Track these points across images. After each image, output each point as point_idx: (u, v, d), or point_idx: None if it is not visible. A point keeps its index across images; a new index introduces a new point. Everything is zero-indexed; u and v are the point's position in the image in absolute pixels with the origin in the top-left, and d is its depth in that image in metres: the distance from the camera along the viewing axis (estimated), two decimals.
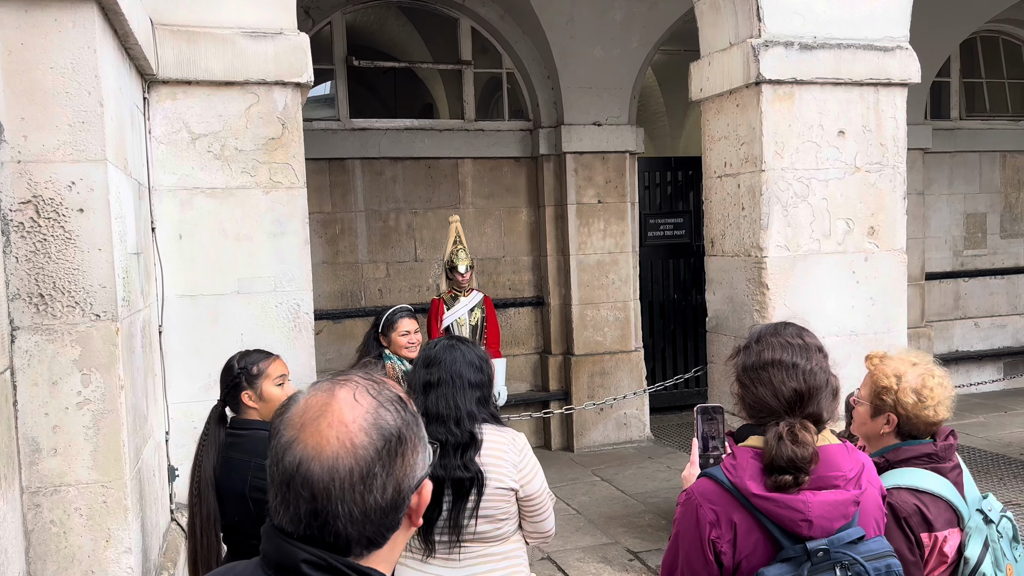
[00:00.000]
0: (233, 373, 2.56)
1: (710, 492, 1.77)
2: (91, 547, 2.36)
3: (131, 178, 2.87)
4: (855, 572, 1.67)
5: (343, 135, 7.06)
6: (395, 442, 1.02)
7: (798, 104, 4.30)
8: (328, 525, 0.99)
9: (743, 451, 1.79)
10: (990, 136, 9.10)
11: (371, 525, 1.01)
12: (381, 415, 1.03)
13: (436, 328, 5.85)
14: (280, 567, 1.00)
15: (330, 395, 1.04)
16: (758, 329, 1.92)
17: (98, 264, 2.37)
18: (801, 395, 1.75)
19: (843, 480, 1.74)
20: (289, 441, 1.01)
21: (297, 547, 0.99)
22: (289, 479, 1.00)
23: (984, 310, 9.20)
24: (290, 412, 1.04)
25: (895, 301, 4.58)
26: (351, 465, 0.99)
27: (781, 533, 1.70)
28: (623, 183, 7.54)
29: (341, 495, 0.98)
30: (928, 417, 2.12)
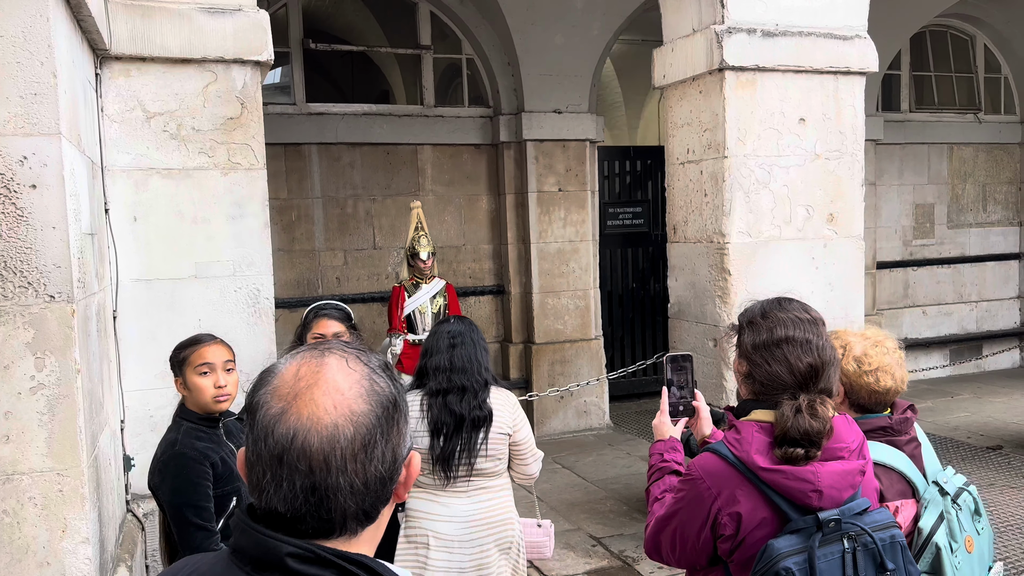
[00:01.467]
0: (171, 359, 2.51)
1: (713, 467, 1.76)
2: (46, 538, 2.27)
3: (84, 155, 2.76)
4: (862, 543, 1.67)
5: (299, 119, 6.93)
6: (391, 409, 0.98)
7: (760, 91, 4.34)
8: (327, 500, 0.92)
9: (747, 425, 1.77)
10: (938, 128, 9.33)
11: (369, 497, 0.95)
12: (376, 381, 0.98)
13: (397, 316, 5.78)
14: (260, 563, 0.92)
15: (320, 363, 0.97)
16: (760, 305, 1.88)
17: (52, 243, 2.26)
18: (816, 371, 1.74)
19: (847, 451, 1.74)
20: (279, 413, 0.94)
21: (280, 540, 0.91)
22: (283, 453, 0.92)
23: (932, 298, 9.45)
24: (273, 383, 0.97)
25: (853, 286, 4.66)
26: (352, 433, 0.93)
27: (789, 506, 1.69)
28: (583, 171, 7.55)
29: (342, 465, 0.92)
30: (869, 384, 2.14)
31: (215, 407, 2.43)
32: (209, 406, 2.42)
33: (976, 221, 9.63)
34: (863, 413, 2.22)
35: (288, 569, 0.91)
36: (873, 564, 1.68)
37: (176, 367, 2.46)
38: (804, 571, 1.62)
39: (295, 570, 0.91)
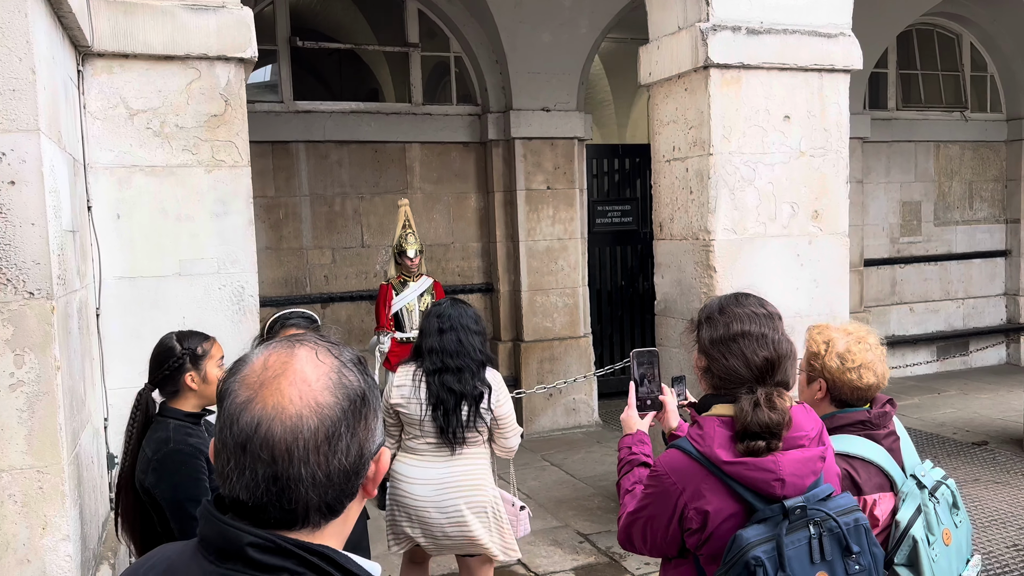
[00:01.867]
0: (175, 354, 2.43)
1: (678, 463, 1.79)
2: (27, 535, 2.26)
3: (65, 152, 2.75)
4: (828, 528, 1.70)
5: (286, 117, 6.91)
6: (359, 403, 0.97)
7: (745, 88, 4.35)
8: (288, 490, 0.92)
9: (709, 420, 1.80)
10: (925, 126, 9.38)
11: (333, 490, 0.95)
12: (345, 374, 0.98)
13: (385, 314, 5.78)
14: (223, 552, 0.92)
15: (290, 354, 0.97)
16: (717, 301, 1.92)
17: (31, 239, 2.25)
18: (772, 364, 1.78)
19: (806, 439, 1.78)
20: (246, 401, 0.94)
21: (241, 529, 0.91)
22: (246, 441, 0.92)
23: (919, 296, 9.50)
24: (243, 372, 0.97)
25: (838, 283, 4.68)
26: (316, 425, 0.93)
27: (754, 496, 1.72)
28: (572, 169, 7.56)
29: (304, 456, 0.92)
30: (852, 381, 2.16)
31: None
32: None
33: (963, 219, 9.69)
34: (843, 407, 2.23)
35: (249, 559, 0.91)
36: (839, 548, 1.71)
37: (194, 361, 2.42)
38: (773, 559, 1.65)
39: (255, 560, 0.90)
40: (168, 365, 2.43)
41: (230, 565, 0.92)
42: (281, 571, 0.91)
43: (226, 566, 0.92)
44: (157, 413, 2.43)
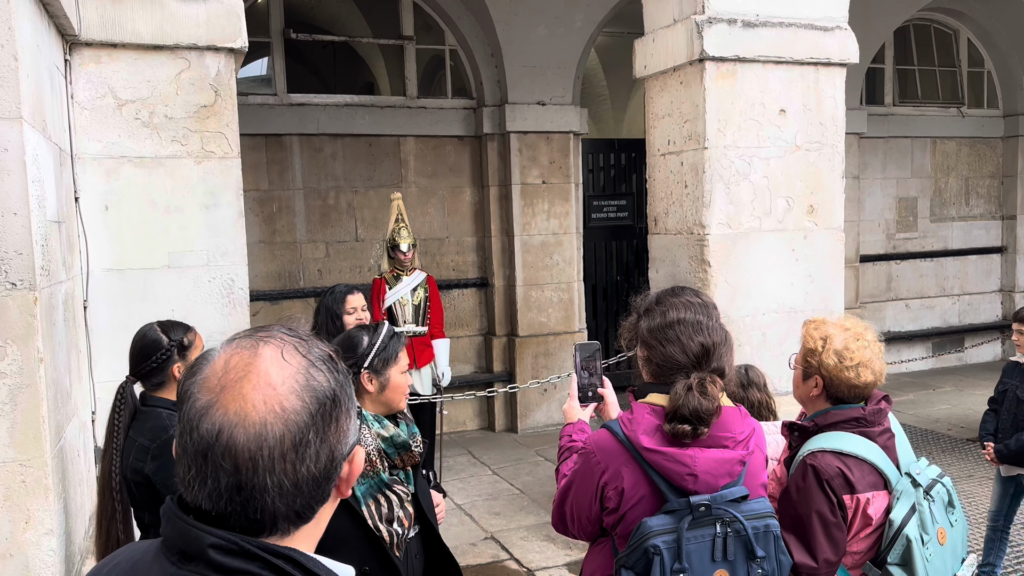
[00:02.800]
0: (163, 346, 2.40)
1: (605, 443, 1.84)
2: (9, 529, 2.23)
3: (51, 142, 2.71)
4: (735, 529, 1.74)
5: (280, 110, 6.87)
6: (329, 405, 0.91)
7: (740, 82, 4.32)
8: (253, 500, 0.87)
9: (640, 407, 1.85)
10: (921, 122, 9.36)
11: (301, 498, 0.89)
12: (313, 375, 0.91)
13: (378, 308, 5.75)
14: (185, 554, 0.88)
15: (253, 353, 0.90)
16: (655, 294, 2.00)
17: (14, 229, 2.22)
18: (707, 350, 1.84)
19: (732, 442, 1.81)
20: (206, 406, 0.88)
21: (203, 530, 0.87)
22: (207, 449, 0.87)
23: (914, 292, 9.49)
24: (203, 373, 0.91)
25: (833, 278, 4.66)
26: (282, 432, 0.87)
27: (668, 487, 1.76)
28: (567, 164, 7.52)
29: (270, 466, 0.86)
30: (850, 379, 2.14)
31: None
32: None
33: (959, 215, 9.68)
34: (838, 404, 2.21)
35: (211, 561, 0.86)
36: (744, 550, 1.75)
37: (180, 352, 2.40)
38: (672, 550, 1.70)
39: (217, 562, 0.86)
40: (156, 357, 2.40)
41: (191, 567, 0.87)
42: (244, 574, 0.86)
43: (187, 568, 0.88)
44: (142, 404, 2.40)
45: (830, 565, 2.04)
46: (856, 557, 2.12)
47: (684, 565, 1.70)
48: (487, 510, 5.54)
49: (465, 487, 6.03)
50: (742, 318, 4.41)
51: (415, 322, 5.75)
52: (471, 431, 7.49)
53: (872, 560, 2.12)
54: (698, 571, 1.72)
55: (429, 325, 5.83)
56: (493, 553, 4.83)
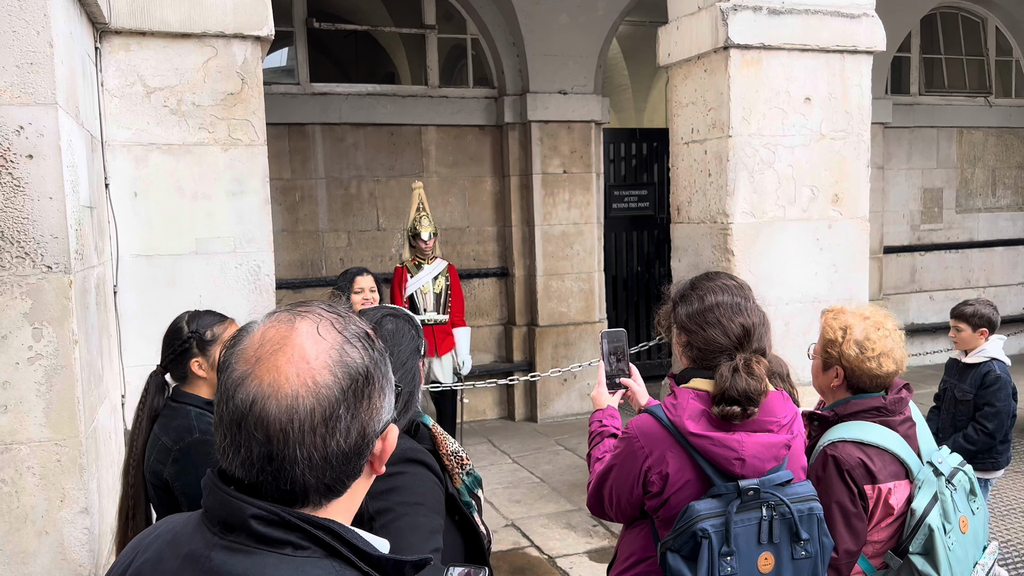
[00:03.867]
0: (182, 337, 2.30)
1: (649, 428, 1.85)
2: (45, 507, 2.28)
3: (83, 128, 2.75)
4: (780, 512, 1.76)
5: (303, 100, 6.90)
6: (362, 382, 0.92)
7: (765, 70, 4.29)
8: (284, 471, 0.89)
9: (684, 392, 1.86)
10: (948, 112, 9.24)
11: (331, 472, 0.91)
12: (347, 352, 0.92)
13: (400, 296, 5.78)
14: (226, 524, 0.90)
15: (290, 327, 0.92)
16: (688, 280, 2.00)
17: (49, 213, 2.26)
18: (748, 331, 1.85)
19: (776, 426, 1.82)
20: (242, 376, 0.90)
21: (245, 501, 0.89)
22: (241, 419, 0.89)
23: (939, 284, 9.40)
24: (243, 344, 0.93)
25: (857, 268, 4.63)
26: (312, 405, 0.89)
27: (714, 471, 1.77)
28: (588, 153, 7.51)
29: (300, 438, 0.88)
30: (871, 370, 2.13)
31: None
32: None
33: (985, 206, 9.55)
34: (858, 393, 2.19)
35: (252, 531, 0.88)
36: (789, 532, 1.77)
37: (201, 346, 2.28)
38: (720, 534, 1.72)
39: (259, 532, 0.88)
40: (174, 348, 2.32)
41: (233, 537, 0.90)
42: (285, 544, 0.88)
43: (229, 538, 0.90)
44: (171, 398, 2.31)
45: (850, 555, 2.04)
46: (877, 546, 2.12)
47: (732, 548, 1.72)
48: (508, 498, 5.56)
49: (486, 475, 6.05)
50: (765, 307, 4.34)
51: (436, 310, 5.78)
52: (491, 420, 7.52)
53: (893, 549, 2.11)
54: (745, 554, 1.74)
55: (450, 314, 5.85)
56: (514, 540, 4.86)
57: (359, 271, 4.20)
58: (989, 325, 3.76)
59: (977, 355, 3.76)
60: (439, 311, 5.80)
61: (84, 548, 2.32)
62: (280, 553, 0.88)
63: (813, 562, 1.80)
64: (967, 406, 3.72)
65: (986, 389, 3.65)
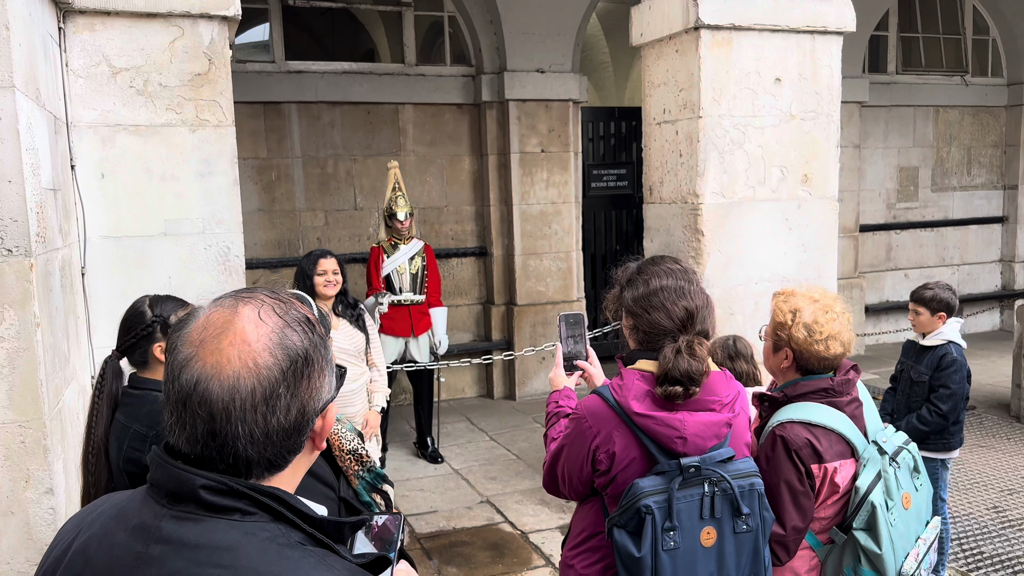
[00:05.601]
0: (145, 321, 2.27)
1: (596, 408, 1.90)
2: (10, 487, 2.30)
3: (45, 110, 2.74)
4: (722, 488, 1.82)
5: (278, 78, 6.86)
6: (301, 363, 0.98)
7: (736, 50, 4.31)
8: (227, 446, 0.95)
9: (630, 373, 1.91)
10: (925, 91, 9.30)
11: (272, 447, 0.97)
12: (287, 335, 0.98)
13: (376, 276, 5.80)
14: (175, 496, 0.95)
15: (233, 312, 0.98)
16: (635, 265, 2.05)
17: (8, 196, 2.26)
18: (691, 313, 1.90)
19: (719, 405, 1.87)
20: (186, 359, 0.96)
21: (194, 473, 0.94)
22: (186, 398, 0.95)
23: (914, 262, 9.50)
24: (188, 328, 0.98)
25: (826, 248, 4.68)
26: (253, 385, 0.94)
27: (657, 449, 1.83)
28: (567, 132, 7.51)
29: (242, 416, 0.94)
30: (819, 352, 2.17)
31: None
32: None
33: (960, 184, 9.65)
34: (806, 375, 2.24)
35: (201, 500, 0.94)
36: (730, 507, 1.83)
37: (164, 330, 2.23)
38: (663, 510, 1.78)
39: (208, 501, 0.94)
40: (136, 332, 2.30)
41: (182, 508, 0.95)
42: (234, 511, 0.94)
43: (178, 508, 0.95)
44: (130, 385, 2.28)
45: (798, 532, 2.10)
46: (823, 523, 2.18)
47: (675, 523, 1.77)
48: (484, 475, 5.63)
49: (463, 452, 6.12)
50: (735, 287, 4.45)
51: (413, 290, 5.80)
52: (470, 398, 7.58)
53: (839, 525, 2.17)
54: (687, 528, 1.79)
55: (427, 294, 5.88)
56: (488, 516, 4.93)
57: (323, 253, 4.18)
58: (947, 309, 3.81)
59: (934, 338, 3.82)
60: (416, 291, 5.82)
61: (50, 528, 2.35)
62: (229, 519, 0.93)
63: (754, 535, 1.86)
64: (922, 387, 3.78)
65: (942, 371, 3.71)
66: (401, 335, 5.77)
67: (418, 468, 5.83)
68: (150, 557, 0.93)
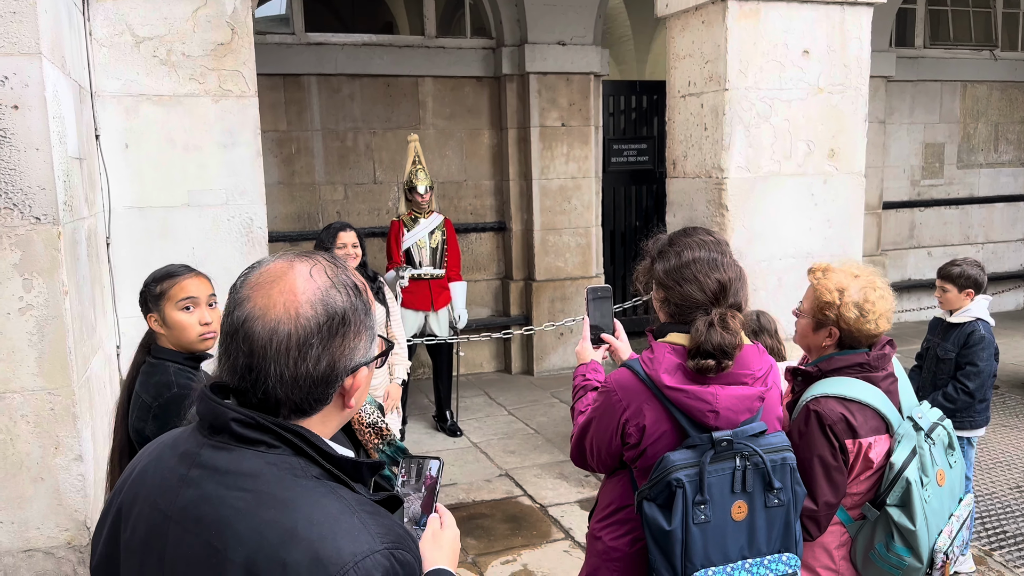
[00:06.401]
0: (142, 291, 2.20)
1: (626, 381, 1.89)
2: (40, 454, 2.33)
3: (70, 79, 2.73)
4: (754, 462, 1.80)
5: (298, 50, 6.82)
6: (338, 322, 1.07)
7: (763, 22, 4.23)
8: (260, 382, 1.05)
9: (661, 346, 1.89)
10: (952, 65, 9.12)
11: (299, 391, 1.06)
12: (331, 294, 1.08)
13: (397, 251, 5.79)
14: (213, 427, 1.07)
15: (289, 266, 1.09)
16: (667, 236, 2.01)
17: (36, 164, 2.26)
18: (724, 286, 1.87)
19: (751, 378, 1.85)
20: (242, 299, 1.08)
21: (227, 408, 1.06)
22: (234, 332, 1.06)
23: (937, 240, 9.38)
24: (252, 273, 1.10)
25: (852, 224, 4.62)
26: (290, 330, 1.05)
27: (689, 423, 1.81)
28: (587, 106, 7.44)
29: (275, 356, 1.04)
30: (870, 331, 2.15)
31: (200, 346, 2.15)
32: (193, 345, 2.14)
33: (987, 161, 9.49)
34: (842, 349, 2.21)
35: (233, 432, 1.06)
36: (762, 481, 1.82)
37: (151, 302, 2.16)
38: (694, 483, 1.76)
39: (238, 433, 1.05)
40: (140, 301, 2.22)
41: (219, 438, 1.07)
42: (260, 443, 1.05)
43: (216, 439, 1.07)
44: (151, 354, 2.20)
45: (830, 507, 2.09)
46: (856, 498, 2.16)
47: (705, 497, 1.76)
48: (502, 448, 5.65)
49: (481, 426, 6.14)
50: (758, 263, 4.41)
51: (432, 264, 5.79)
52: (488, 373, 7.59)
53: (871, 501, 2.16)
54: (718, 502, 1.78)
55: (446, 268, 5.87)
56: (507, 489, 4.95)
57: (342, 226, 4.15)
58: (975, 286, 3.75)
59: (962, 315, 3.76)
60: (435, 265, 5.81)
61: (79, 494, 2.38)
62: (255, 450, 1.05)
63: (786, 510, 1.84)
64: (948, 365, 3.74)
65: (970, 348, 3.66)
66: (421, 309, 5.77)
67: (437, 441, 5.85)
68: (189, 479, 1.06)
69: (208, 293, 2.19)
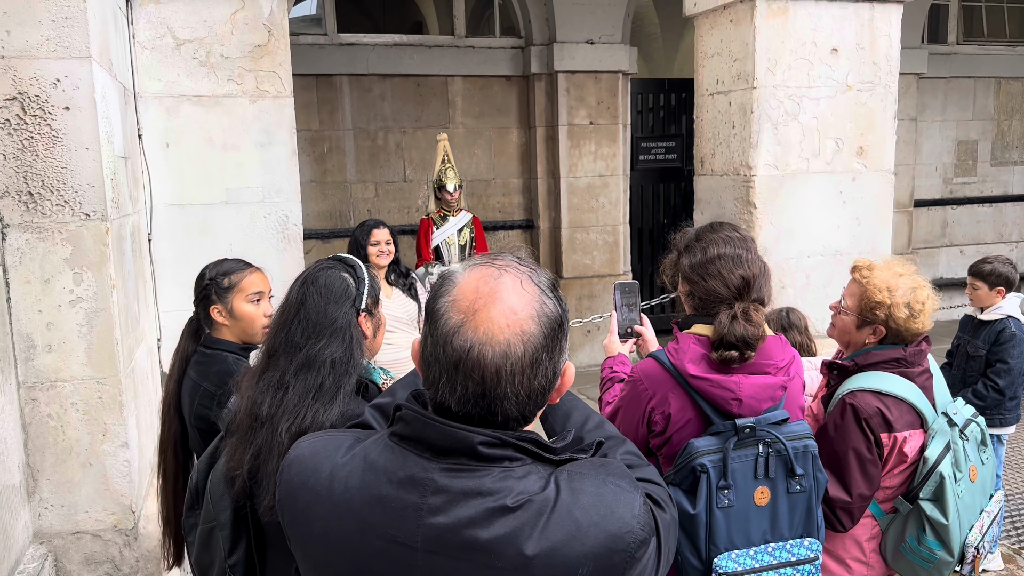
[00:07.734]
0: (202, 284, 2.27)
1: (652, 371, 1.94)
2: (88, 440, 2.43)
3: (116, 80, 2.84)
4: (776, 449, 1.85)
5: (330, 50, 6.93)
6: (557, 329, 1.07)
7: (792, 20, 4.25)
8: (494, 406, 1.03)
9: (686, 337, 1.94)
10: (986, 62, 9.00)
11: (530, 405, 1.06)
12: (545, 303, 1.06)
13: (426, 248, 5.87)
14: (445, 450, 1.04)
15: (497, 282, 1.05)
16: (694, 231, 2.06)
17: (86, 163, 2.36)
18: (748, 282, 1.91)
19: (774, 368, 1.90)
20: (458, 325, 1.03)
21: (469, 431, 1.03)
22: (458, 361, 1.02)
23: (970, 238, 9.28)
24: (452, 295, 1.06)
25: (881, 222, 4.61)
26: (522, 352, 1.02)
27: (713, 411, 1.86)
28: (615, 104, 7.47)
29: (511, 379, 1.02)
30: (918, 329, 2.17)
31: (259, 337, 2.21)
32: (256, 336, 2.23)
33: (1021, 159, 9.35)
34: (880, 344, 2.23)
35: (478, 454, 1.04)
36: (784, 468, 1.87)
37: (218, 294, 2.22)
38: (718, 468, 1.82)
39: (484, 454, 1.04)
40: (197, 295, 2.29)
41: (451, 460, 1.04)
42: (503, 460, 1.05)
43: (447, 461, 1.05)
44: (203, 345, 2.27)
45: (863, 500, 2.11)
46: (888, 492, 2.18)
47: (729, 482, 1.82)
48: None
49: None
50: (786, 260, 4.42)
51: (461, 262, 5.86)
52: None
53: (904, 495, 2.18)
54: (742, 487, 1.84)
55: None
56: None
57: (376, 223, 4.22)
58: (1007, 283, 3.73)
59: (993, 312, 3.75)
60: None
61: (125, 479, 2.48)
62: (501, 467, 1.04)
63: (808, 496, 1.89)
64: (979, 362, 3.73)
65: (1000, 346, 3.65)
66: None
67: None
68: (430, 506, 1.03)
69: (269, 288, 2.30)
